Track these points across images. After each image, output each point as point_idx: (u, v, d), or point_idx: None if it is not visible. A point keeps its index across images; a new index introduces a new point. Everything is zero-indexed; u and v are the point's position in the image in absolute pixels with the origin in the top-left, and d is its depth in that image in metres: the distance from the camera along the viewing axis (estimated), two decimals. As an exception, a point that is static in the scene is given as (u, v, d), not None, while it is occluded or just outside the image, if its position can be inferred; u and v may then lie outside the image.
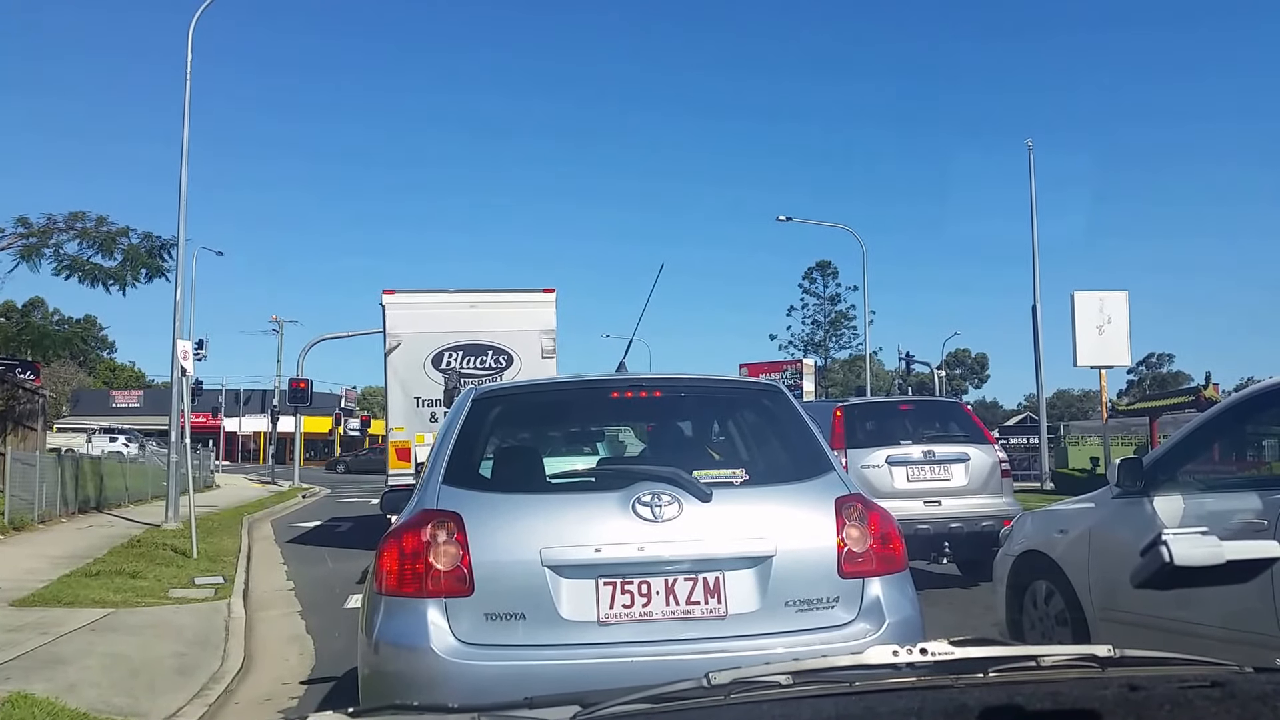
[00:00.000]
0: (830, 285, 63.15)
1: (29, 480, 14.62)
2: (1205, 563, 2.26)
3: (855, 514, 3.46)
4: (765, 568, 3.32)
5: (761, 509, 3.46)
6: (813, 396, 42.46)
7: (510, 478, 3.77)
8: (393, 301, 13.50)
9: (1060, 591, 4.99)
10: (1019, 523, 5.82)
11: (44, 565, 10.48)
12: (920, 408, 10.97)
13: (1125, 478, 4.54)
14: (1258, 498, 3.91)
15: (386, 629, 3.27)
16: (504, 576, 3.25)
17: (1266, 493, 3.89)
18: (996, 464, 9.12)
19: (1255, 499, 3.91)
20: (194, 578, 10.08)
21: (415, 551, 3.29)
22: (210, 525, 15.69)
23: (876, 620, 3.35)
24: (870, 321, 39.69)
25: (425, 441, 12.45)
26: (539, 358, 13.14)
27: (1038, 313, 26.46)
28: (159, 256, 17.87)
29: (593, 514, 3.36)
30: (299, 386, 32.68)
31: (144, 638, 6.97)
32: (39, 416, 21.81)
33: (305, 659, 6.72)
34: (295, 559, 12.82)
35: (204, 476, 27.66)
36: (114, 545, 12.56)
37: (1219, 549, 2.30)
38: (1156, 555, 2.34)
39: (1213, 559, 2.29)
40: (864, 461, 8.83)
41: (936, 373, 45.28)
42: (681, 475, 3.41)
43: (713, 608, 3.27)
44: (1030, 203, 26.66)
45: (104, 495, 18.82)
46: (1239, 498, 4.03)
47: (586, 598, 3.24)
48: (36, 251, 17.07)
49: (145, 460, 25.52)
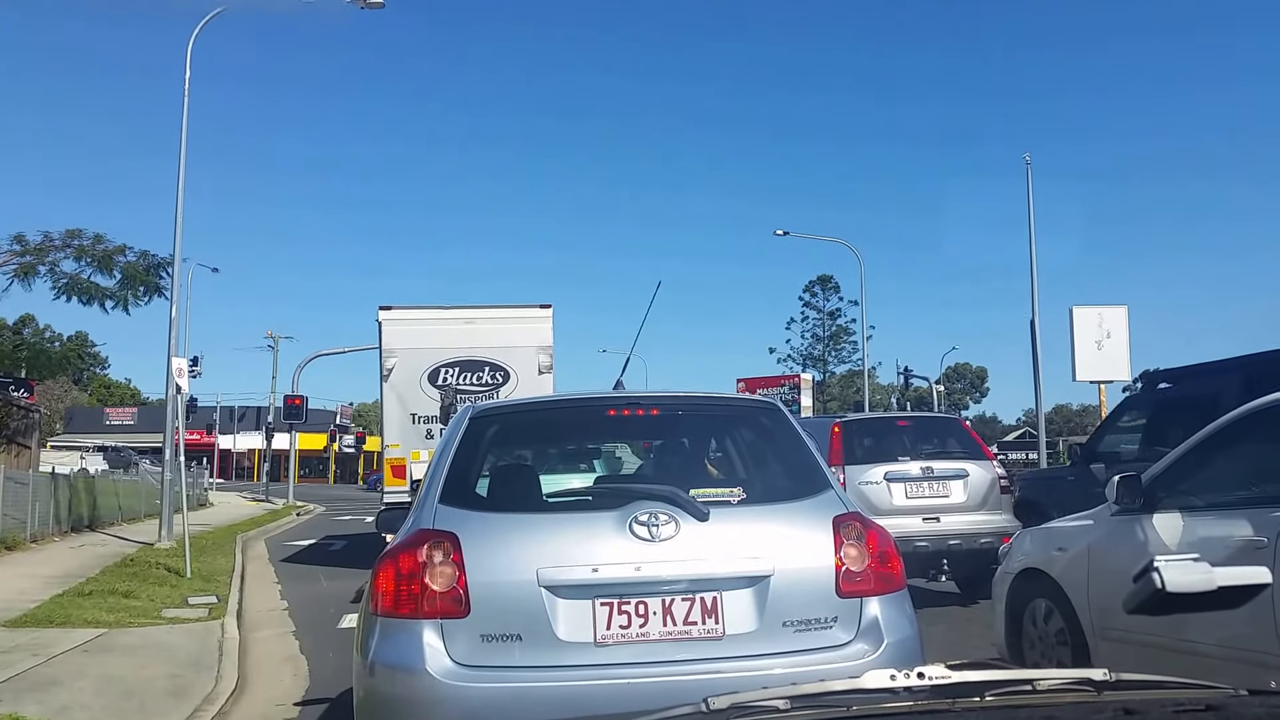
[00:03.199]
0: (831, 300, 62.88)
1: (22, 499, 14.54)
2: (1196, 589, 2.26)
3: (853, 532, 3.45)
4: (763, 587, 3.30)
5: (759, 528, 3.44)
6: (810, 412, 42.29)
7: (507, 497, 3.76)
8: (389, 318, 13.49)
9: (1059, 610, 4.97)
10: (1018, 540, 5.79)
11: (36, 585, 10.41)
12: (919, 424, 10.93)
13: (1124, 495, 4.52)
14: (1258, 515, 3.90)
15: (382, 650, 3.25)
16: (500, 597, 3.23)
17: (1266, 510, 3.88)
18: (995, 480, 9.10)
19: (1255, 516, 3.90)
20: (188, 597, 10.01)
21: (411, 572, 3.27)
22: (204, 544, 15.60)
23: (875, 640, 3.33)
24: (869, 336, 39.62)
25: (421, 458, 12.41)
26: (536, 374, 13.13)
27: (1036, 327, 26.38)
28: (157, 275, 17.88)
29: (590, 534, 3.34)
30: (294, 403, 32.63)
31: (137, 658, 6.91)
32: (33, 434, 21.73)
33: (300, 680, 6.66)
34: (289, 578, 12.74)
35: (198, 494, 27.52)
36: (107, 564, 12.49)
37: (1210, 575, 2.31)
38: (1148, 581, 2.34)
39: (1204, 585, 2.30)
40: (862, 478, 8.80)
41: (935, 387, 45.10)
42: (679, 494, 3.40)
43: (710, 628, 3.25)
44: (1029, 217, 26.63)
45: (97, 513, 18.72)
46: (1239, 515, 4.02)
47: (583, 618, 3.22)
48: (33, 270, 17.06)
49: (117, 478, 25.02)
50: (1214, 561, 3.20)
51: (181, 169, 15.85)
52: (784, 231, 39.08)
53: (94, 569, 11.96)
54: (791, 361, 61.57)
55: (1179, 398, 9.18)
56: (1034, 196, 26.30)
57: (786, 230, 39.05)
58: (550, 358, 13.31)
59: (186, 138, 16.00)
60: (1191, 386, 9.18)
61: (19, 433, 20.23)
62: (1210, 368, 9.33)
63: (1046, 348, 26.90)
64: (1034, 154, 26.63)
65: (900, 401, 46.99)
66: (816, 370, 61.15)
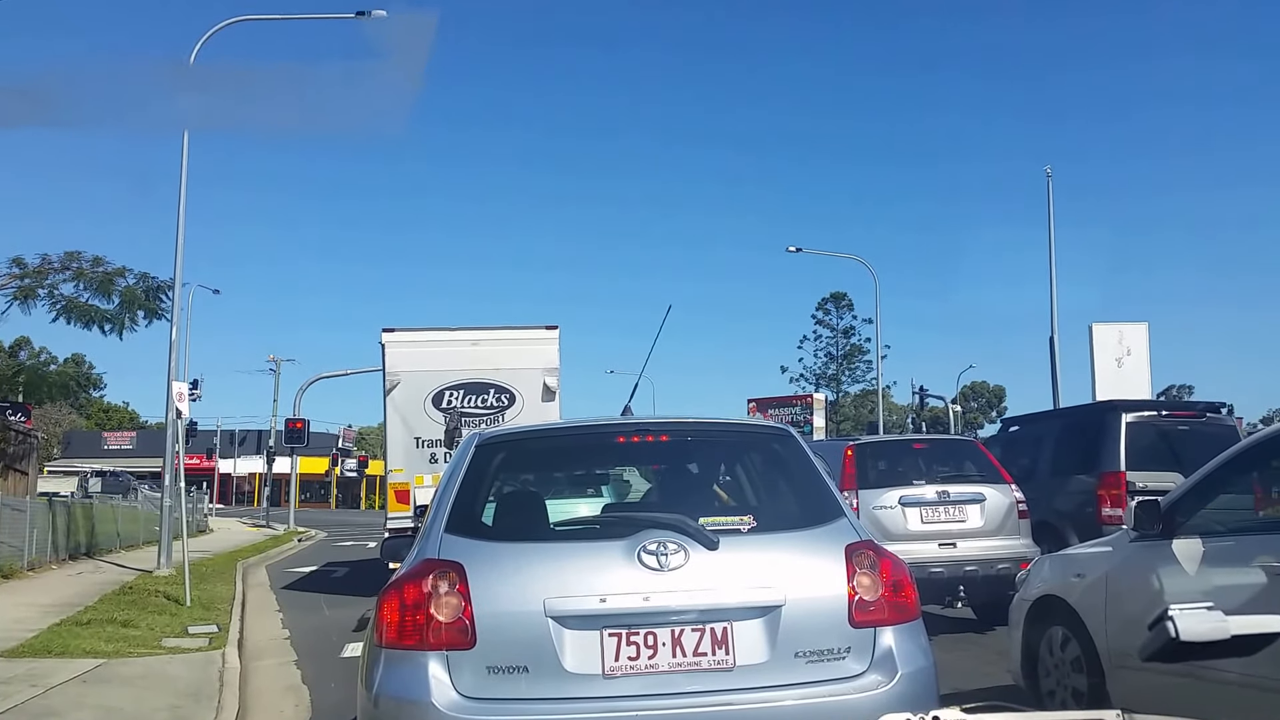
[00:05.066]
0: (845, 317, 61.99)
1: (19, 526, 14.44)
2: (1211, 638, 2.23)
3: (866, 561, 3.39)
4: (774, 617, 3.25)
5: (770, 557, 3.39)
6: (823, 433, 41.62)
7: (514, 526, 3.71)
8: (392, 340, 13.39)
9: (1076, 638, 4.88)
10: (1036, 566, 5.72)
11: (34, 614, 10.31)
12: (934, 446, 10.80)
13: (1142, 520, 4.46)
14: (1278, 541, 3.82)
15: (387, 682, 3.21)
16: (507, 628, 3.19)
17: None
18: (1014, 504, 8.90)
19: (1276, 542, 3.83)
20: (188, 626, 9.89)
21: (416, 603, 3.24)
22: (204, 571, 15.47)
23: (889, 671, 3.27)
24: (884, 355, 38.80)
25: (425, 483, 12.30)
26: (542, 396, 12.99)
27: (1056, 345, 26.14)
28: (157, 298, 17.85)
29: (597, 563, 3.30)
30: (295, 427, 32.54)
31: (136, 689, 6.83)
32: (30, 459, 21.65)
33: (302, 710, 6.59)
34: (291, 606, 12.62)
35: (198, 520, 27.38)
36: (105, 592, 12.38)
37: (1224, 624, 2.28)
38: (1162, 630, 2.32)
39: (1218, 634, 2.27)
40: (876, 502, 8.67)
41: (951, 407, 43.71)
42: (688, 523, 3.35)
43: (720, 659, 3.20)
44: (1049, 231, 26.23)
45: (95, 540, 18.59)
46: (1260, 541, 3.95)
47: (591, 649, 3.18)
48: (32, 293, 17.04)
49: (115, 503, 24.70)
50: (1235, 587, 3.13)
51: (183, 190, 15.79)
52: (797, 248, 37.84)
53: (92, 597, 11.86)
54: (804, 380, 61.02)
55: (1021, 437, 11.71)
56: (1054, 212, 26.06)
57: (800, 247, 38.01)
58: (557, 380, 13.19)
59: (187, 158, 15.91)
60: (1029, 429, 11.89)
61: (16, 458, 20.15)
62: (1041, 415, 12.54)
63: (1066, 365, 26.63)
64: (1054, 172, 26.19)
65: (915, 421, 46.28)
66: (830, 390, 60.60)
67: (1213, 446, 8.96)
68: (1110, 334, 25.78)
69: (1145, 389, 25.02)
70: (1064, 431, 10.75)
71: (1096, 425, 9.97)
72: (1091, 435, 9.96)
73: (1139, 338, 25.88)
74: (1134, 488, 9.16)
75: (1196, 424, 10.05)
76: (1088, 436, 10.04)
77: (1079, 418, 11.04)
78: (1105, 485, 9.44)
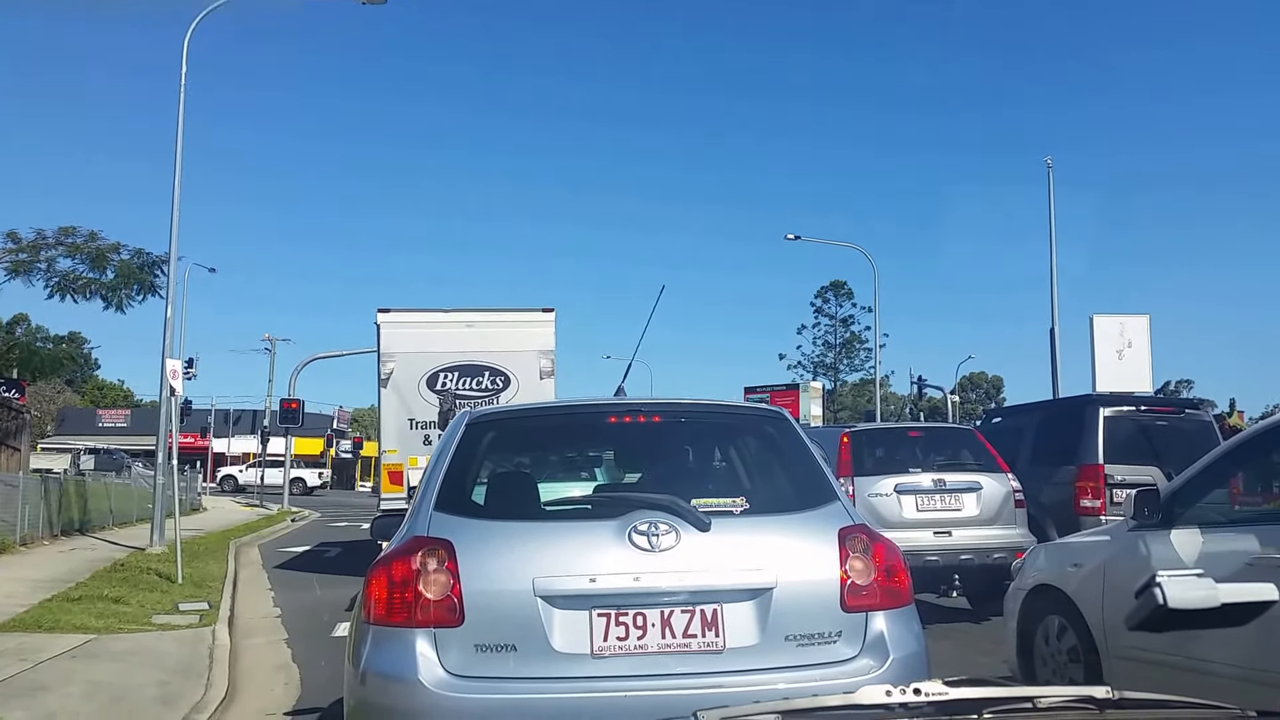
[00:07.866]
0: (844, 306, 61.34)
1: (11, 501, 14.41)
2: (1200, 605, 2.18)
3: (859, 545, 3.37)
4: (765, 600, 3.23)
5: (762, 539, 3.37)
6: (820, 421, 41.56)
7: (504, 505, 3.70)
8: (387, 321, 13.34)
9: (1073, 627, 4.86)
10: (1032, 555, 5.69)
11: (24, 589, 10.29)
12: (931, 434, 10.77)
13: (1141, 510, 4.43)
14: (1278, 531, 3.80)
15: (374, 659, 3.19)
16: (495, 606, 3.18)
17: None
18: (1010, 494, 8.89)
19: (1276, 532, 3.80)
20: (178, 603, 9.89)
21: (404, 580, 3.22)
22: (196, 549, 15.46)
23: (880, 656, 3.26)
24: (883, 344, 38.56)
25: (419, 464, 12.28)
26: (537, 379, 12.95)
27: (1056, 336, 26.13)
28: (151, 272, 17.78)
29: (588, 543, 3.28)
30: (290, 407, 32.47)
31: (126, 665, 6.83)
32: (23, 436, 21.62)
33: (291, 689, 6.58)
34: (282, 585, 12.60)
35: (191, 499, 27.36)
36: (97, 569, 12.36)
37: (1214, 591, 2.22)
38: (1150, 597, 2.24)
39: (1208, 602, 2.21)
40: (871, 490, 8.65)
41: (950, 397, 43.59)
42: (679, 503, 3.33)
43: (710, 641, 3.18)
44: (1049, 223, 26.15)
45: (88, 517, 18.57)
46: (1260, 531, 3.92)
47: (580, 629, 3.16)
48: (27, 267, 16.97)
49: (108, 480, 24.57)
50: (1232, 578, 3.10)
51: (178, 167, 15.66)
52: (795, 236, 36.92)
53: (84, 573, 11.83)
54: (802, 369, 60.82)
55: (1004, 428, 11.80)
56: (1054, 203, 26.01)
57: (798, 235, 37.10)
58: (552, 363, 13.15)
59: (183, 136, 15.76)
60: (1012, 420, 12.29)
61: (9, 434, 20.12)
62: (1022, 408, 12.93)
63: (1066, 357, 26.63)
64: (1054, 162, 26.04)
65: (913, 411, 46.27)
66: (827, 378, 60.47)
67: (1189, 441, 9.36)
68: (1111, 326, 25.72)
69: (1146, 382, 25.01)
70: (1044, 424, 10.86)
71: (1076, 419, 10.06)
72: (1071, 428, 10.03)
73: (1140, 330, 25.83)
74: (1111, 480, 9.33)
75: (1175, 419, 10.22)
76: (1067, 430, 10.11)
77: (1059, 411, 11.24)
78: (1083, 477, 9.53)
